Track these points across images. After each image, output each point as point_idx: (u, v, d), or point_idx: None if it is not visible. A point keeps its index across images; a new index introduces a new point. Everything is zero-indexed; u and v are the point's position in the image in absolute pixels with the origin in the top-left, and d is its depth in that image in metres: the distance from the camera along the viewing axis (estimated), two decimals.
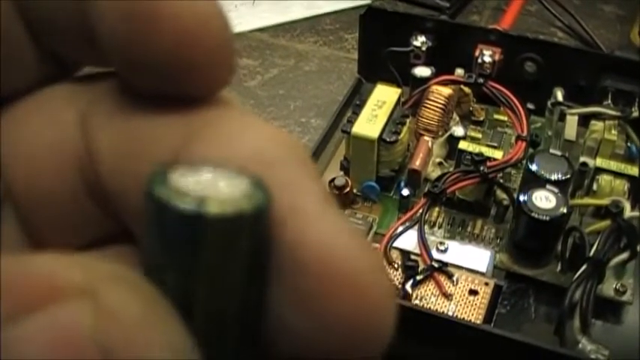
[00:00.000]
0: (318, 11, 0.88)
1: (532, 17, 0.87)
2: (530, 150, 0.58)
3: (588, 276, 0.49)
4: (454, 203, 0.58)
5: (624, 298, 0.53)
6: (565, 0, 0.87)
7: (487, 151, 0.57)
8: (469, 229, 0.57)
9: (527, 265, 0.55)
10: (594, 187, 0.57)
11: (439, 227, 0.58)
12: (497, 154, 0.57)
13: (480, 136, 0.64)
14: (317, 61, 0.80)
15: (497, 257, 0.55)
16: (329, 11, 0.88)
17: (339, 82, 0.76)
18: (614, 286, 0.53)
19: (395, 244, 0.53)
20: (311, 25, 0.86)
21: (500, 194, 0.57)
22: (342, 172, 0.61)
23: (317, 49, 0.82)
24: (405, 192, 0.57)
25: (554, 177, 0.55)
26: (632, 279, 0.54)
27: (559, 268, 0.54)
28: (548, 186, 0.53)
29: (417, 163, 0.58)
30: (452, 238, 0.56)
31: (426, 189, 0.55)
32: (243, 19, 0.87)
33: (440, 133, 0.62)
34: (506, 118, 0.65)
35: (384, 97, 0.60)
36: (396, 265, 0.50)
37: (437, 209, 0.58)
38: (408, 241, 0.53)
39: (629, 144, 0.62)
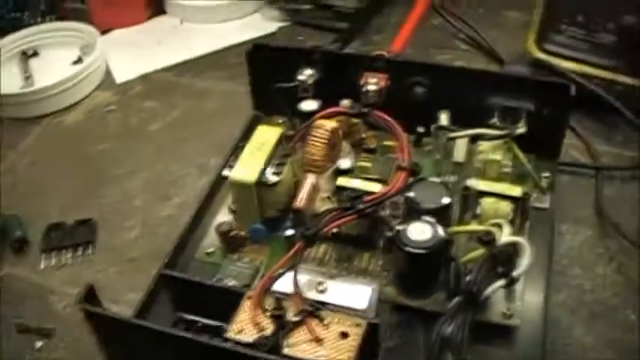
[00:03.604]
0: (223, 44, 0.88)
1: (436, 31, 0.87)
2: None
3: (461, 308, 0.49)
4: (341, 237, 0.58)
5: (511, 322, 0.53)
6: (470, 9, 0.87)
7: (366, 185, 0.57)
8: (356, 263, 0.57)
9: (414, 296, 0.55)
10: (478, 210, 0.57)
11: (326, 264, 0.57)
12: (376, 188, 0.57)
13: (369, 165, 0.64)
14: (219, 98, 0.80)
15: (384, 290, 0.55)
16: (235, 43, 0.88)
17: (240, 117, 0.75)
18: (501, 310, 0.53)
19: (276, 287, 0.52)
20: (216, 59, 0.86)
21: (383, 227, 0.57)
22: (232, 216, 0.61)
23: (220, 85, 0.82)
24: (290, 232, 0.57)
25: (431, 206, 0.55)
26: (521, 302, 0.54)
27: (446, 296, 0.54)
28: (424, 217, 0.53)
29: (299, 203, 0.58)
30: (339, 274, 0.56)
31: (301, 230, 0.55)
32: (148, 59, 0.87)
33: (328, 166, 0.61)
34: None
35: (264, 137, 0.60)
36: (269, 314, 0.49)
37: (324, 246, 0.58)
38: (290, 283, 0.53)
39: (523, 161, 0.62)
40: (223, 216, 0.62)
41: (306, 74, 0.66)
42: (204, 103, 0.80)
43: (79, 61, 0.87)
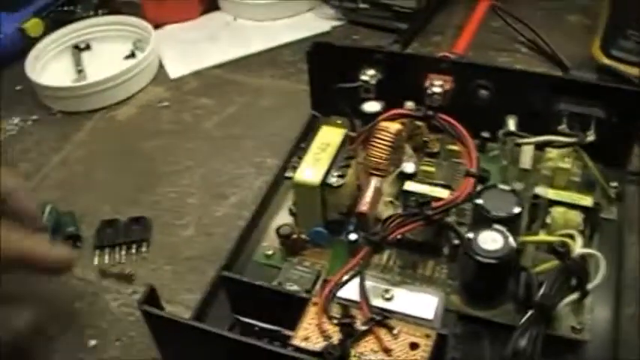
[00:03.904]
0: (277, 42, 0.87)
1: (495, 34, 0.85)
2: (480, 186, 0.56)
3: (534, 321, 0.48)
4: (405, 244, 0.57)
5: (581, 336, 0.51)
6: (530, 11, 0.85)
7: (433, 191, 0.55)
8: (420, 270, 0.56)
9: (481, 306, 0.53)
10: (548, 219, 0.55)
11: (390, 271, 0.56)
12: (444, 194, 0.55)
13: (433, 169, 0.62)
14: (274, 96, 0.79)
15: (449, 299, 0.53)
16: (289, 41, 0.87)
17: (296, 117, 0.74)
18: (571, 324, 0.51)
19: (340, 294, 0.51)
20: (270, 57, 0.85)
21: (450, 234, 0.55)
22: (292, 218, 0.60)
23: (275, 83, 0.81)
24: (353, 237, 0.56)
25: (501, 214, 0.53)
26: (591, 316, 0.52)
27: (514, 307, 0.53)
28: (495, 225, 0.52)
29: (363, 207, 0.56)
30: (403, 281, 0.55)
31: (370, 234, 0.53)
32: (202, 55, 0.86)
33: (391, 170, 0.60)
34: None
35: (328, 138, 0.59)
36: (335, 321, 0.48)
37: (387, 252, 0.57)
38: (355, 289, 0.51)
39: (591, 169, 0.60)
40: (282, 218, 0.61)
41: (369, 74, 0.65)
42: (260, 101, 0.78)
43: (131, 55, 0.87)
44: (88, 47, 0.90)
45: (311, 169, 0.56)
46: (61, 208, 0.67)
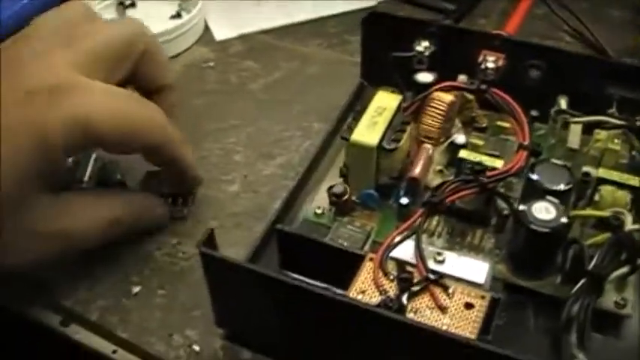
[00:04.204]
0: (323, 13, 0.87)
1: (540, 21, 0.86)
2: (532, 159, 0.57)
3: (586, 290, 0.49)
4: (454, 212, 0.57)
5: (624, 311, 0.52)
6: (572, 3, 0.86)
7: (487, 160, 0.56)
8: (468, 239, 0.57)
9: (527, 277, 0.54)
10: (596, 197, 0.56)
11: (438, 237, 0.57)
12: (498, 164, 0.56)
13: (482, 143, 0.63)
14: (320, 65, 0.79)
15: (496, 268, 0.54)
16: (334, 13, 0.88)
17: (342, 85, 0.74)
18: (614, 299, 0.52)
19: (393, 254, 0.52)
20: (315, 27, 0.86)
21: (501, 204, 0.56)
22: (341, 179, 0.60)
23: (321, 52, 0.82)
24: (404, 200, 0.57)
25: (554, 187, 0.54)
26: (633, 292, 0.53)
27: (560, 279, 0.53)
28: (548, 197, 0.53)
29: (416, 172, 0.57)
30: (451, 248, 0.56)
31: (425, 198, 0.54)
32: (247, 20, 0.87)
33: (441, 140, 0.61)
34: (509, 125, 0.64)
35: (385, 103, 0.60)
36: (391, 277, 0.49)
37: (436, 218, 0.58)
38: (406, 251, 0.52)
39: (633, 153, 0.61)
40: (330, 180, 0.62)
41: (423, 46, 0.66)
42: (305, 68, 0.79)
43: (177, 16, 0.87)
44: (133, 5, 0.90)
45: (367, 131, 0.57)
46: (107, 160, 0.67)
